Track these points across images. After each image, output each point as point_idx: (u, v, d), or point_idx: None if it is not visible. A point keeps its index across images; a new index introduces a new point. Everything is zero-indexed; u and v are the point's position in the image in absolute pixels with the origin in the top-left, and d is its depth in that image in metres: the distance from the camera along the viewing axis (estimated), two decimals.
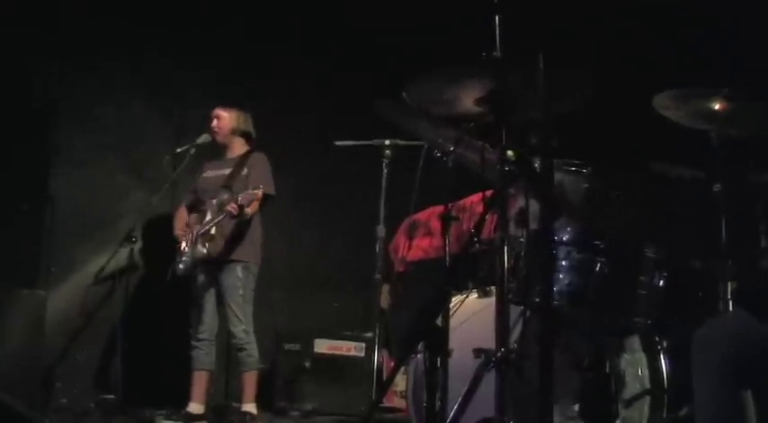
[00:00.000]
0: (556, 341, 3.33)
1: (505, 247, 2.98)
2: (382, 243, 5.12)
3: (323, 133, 5.74)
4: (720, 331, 2.70)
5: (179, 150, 5.85)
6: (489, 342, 3.00)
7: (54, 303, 6.09)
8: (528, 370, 2.96)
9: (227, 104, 5.89)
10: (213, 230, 5.56)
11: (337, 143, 5.27)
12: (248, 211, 5.44)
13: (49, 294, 6.09)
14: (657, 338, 3.79)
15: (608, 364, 3.10)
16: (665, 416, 3.76)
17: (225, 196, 5.53)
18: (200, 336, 5.64)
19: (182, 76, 6.68)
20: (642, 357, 3.83)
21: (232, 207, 5.35)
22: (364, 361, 5.99)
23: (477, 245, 3.28)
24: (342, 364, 6.22)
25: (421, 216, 5.35)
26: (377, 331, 5.09)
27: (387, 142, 5.06)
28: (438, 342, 3.16)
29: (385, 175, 5.08)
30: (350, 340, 6.24)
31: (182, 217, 5.86)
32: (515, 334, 3.26)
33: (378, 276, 5.05)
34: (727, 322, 2.93)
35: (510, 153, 3.06)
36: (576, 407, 3.43)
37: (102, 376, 6.07)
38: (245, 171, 5.70)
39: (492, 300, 3.14)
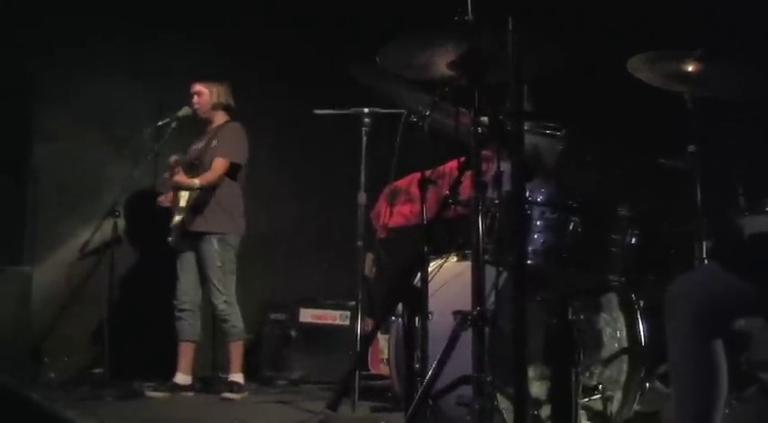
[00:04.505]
0: (531, 300, 3.39)
1: (480, 208, 3.01)
2: (363, 210, 5.15)
3: (302, 102, 5.74)
4: (691, 285, 2.72)
5: (160, 123, 5.85)
6: (468, 304, 3.04)
7: (40, 279, 6.12)
8: (504, 329, 3.01)
9: (205, 78, 5.88)
10: (183, 203, 5.60)
11: (316, 111, 5.28)
12: (188, 180, 5.55)
13: (35, 270, 6.12)
14: (634, 297, 3.86)
15: (570, 311, 3.14)
16: (642, 374, 3.83)
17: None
18: (183, 306, 5.69)
19: (164, 49, 6.66)
20: (620, 316, 3.90)
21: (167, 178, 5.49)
22: (349, 329, 6.05)
23: (453, 206, 3.32)
24: (327, 332, 6.31)
25: (402, 183, 5.38)
26: (359, 299, 5.12)
27: (366, 110, 5.07)
28: (416, 303, 3.21)
29: (364, 143, 5.10)
30: (335, 309, 6.31)
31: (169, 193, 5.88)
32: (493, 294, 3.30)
33: (360, 244, 5.09)
34: (698, 276, 2.96)
35: (483, 117, 3.09)
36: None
37: (89, 350, 6.09)
38: (214, 143, 5.73)
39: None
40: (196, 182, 5.54)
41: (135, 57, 6.57)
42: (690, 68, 3.89)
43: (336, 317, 6.30)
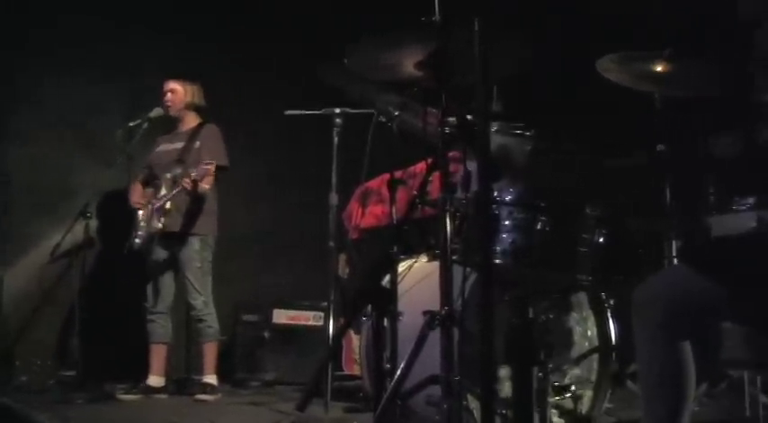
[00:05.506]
0: (499, 300, 3.39)
1: (448, 208, 3.02)
2: (335, 211, 5.15)
3: (273, 102, 5.73)
4: (660, 285, 2.72)
5: (131, 124, 5.81)
6: (438, 304, 3.04)
7: (11, 282, 6.08)
8: (472, 329, 3.01)
9: (178, 77, 5.87)
10: (168, 205, 5.55)
11: (287, 112, 5.28)
12: (204, 185, 5.42)
13: (6, 273, 6.08)
14: (605, 296, 3.87)
15: (530, 310, 3.14)
16: (613, 373, 3.85)
17: (178, 170, 5.52)
18: (156, 309, 5.67)
19: (135, 49, 6.61)
20: (590, 315, 3.91)
21: (186, 182, 5.35)
22: (323, 330, 6.04)
23: (421, 206, 3.32)
24: (300, 333, 6.32)
25: (373, 184, 5.37)
26: (332, 300, 5.12)
27: (337, 111, 5.08)
28: (385, 303, 3.21)
29: (336, 144, 5.10)
30: (308, 310, 6.32)
31: (137, 191, 5.84)
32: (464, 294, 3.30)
33: (331, 244, 5.09)
34: (666, 277, 2.96)
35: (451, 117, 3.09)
36: None
37: (61, 353, 6.06)
38: (197, 144, 5.70)
39: None
40: (205, 186, 5.47)
41: (106, 57, 6.51)
42: (659, 68, 3.92)
43: (310, 317, 6.32)
